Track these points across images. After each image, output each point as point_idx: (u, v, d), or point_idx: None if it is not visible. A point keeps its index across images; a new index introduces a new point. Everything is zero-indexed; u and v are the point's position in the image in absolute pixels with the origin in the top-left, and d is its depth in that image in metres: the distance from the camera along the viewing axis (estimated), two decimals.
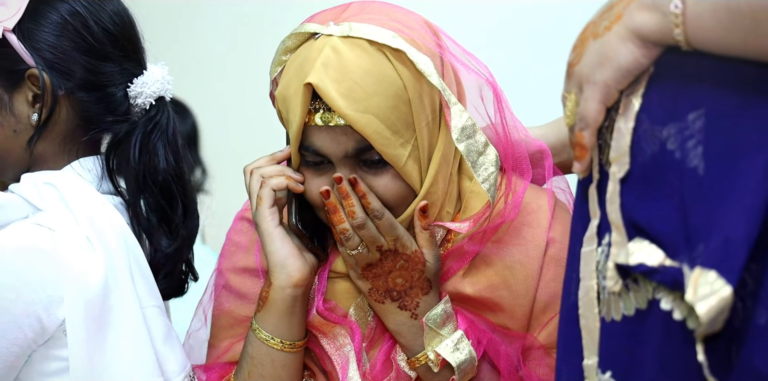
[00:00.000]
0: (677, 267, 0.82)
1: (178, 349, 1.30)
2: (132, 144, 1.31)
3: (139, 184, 1.31)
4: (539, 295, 1.30)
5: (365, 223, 1.23)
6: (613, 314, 0.90)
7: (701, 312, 0.78)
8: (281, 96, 1.23)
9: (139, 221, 1.31)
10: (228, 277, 1.40)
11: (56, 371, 1.21)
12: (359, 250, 1.25)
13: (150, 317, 1.26)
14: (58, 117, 1.28)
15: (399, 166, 1.22)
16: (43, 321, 1.18)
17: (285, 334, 1.28)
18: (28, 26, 1.26)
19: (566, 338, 0.99)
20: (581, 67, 0.89)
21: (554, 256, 1.30)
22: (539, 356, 1.30)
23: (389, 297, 1.26)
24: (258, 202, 1.27)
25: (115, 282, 1.22)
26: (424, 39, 1.23)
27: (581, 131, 0.91)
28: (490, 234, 1.29)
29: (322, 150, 1.23)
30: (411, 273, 1.25)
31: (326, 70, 1.18)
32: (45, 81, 1.25)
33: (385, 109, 1.19)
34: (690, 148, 0.84)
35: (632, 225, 0.88)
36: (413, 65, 1.19)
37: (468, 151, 1.23)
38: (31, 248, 1.18)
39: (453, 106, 1.22)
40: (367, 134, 1.18)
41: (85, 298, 1.18)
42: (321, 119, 1.20)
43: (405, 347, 1.28)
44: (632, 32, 0.84)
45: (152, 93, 1.33)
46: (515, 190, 1.28)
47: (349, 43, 1.19)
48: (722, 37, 0.79)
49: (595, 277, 0.93)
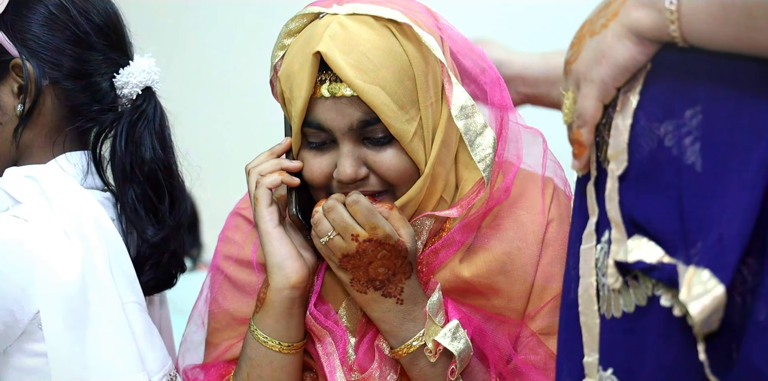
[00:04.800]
0: (675, 264, 0.83)
1: (158, 347, 1.28)
2: (118, 133, 1.31)
3: (126, 173, 1.30)
4: (537, 280, 1.29)
5: (334, 207, 1.20)
6: (613, 311, 0.90)
7: (694, 312, 0.78)
8: (285, 74, 1.23)
9: (126, 212, 1.30)
10: (225, 270, 1.39)
11: (35, 368, 1.19)
12: (330, 236, 1.21)
13: (129, 313, 1.24)
14: (42, 107, 1.28)
15: (406, 142, 1.21)
16: (15, 313, 1.16)
17: (283, 335, 1.27)
18: (12, 18, 1.26)
19: (566, 335, 0.99)
20: (578, 65, 0.89)
21: (551, 239, 1.29)
22: (533, 344, 1.28)
23: (372, 286, 1.23)
24: (255, 202, 1.27)
25: (93, 276, 1.20)
26: (427, 21, 1.23)
27: (579, 129, 0.91)
28: (481, 219, 1.28)
29: (327, 123, 1.21)
30: (394, 261, 1.22)
31: (334, 41, 1.18)
32: (29, 70, 1.25)
33: (392, 83, 1.18)
34: (687, 144, 0.84)
35: (631, 222, 0.88)
36: (418, 41, 1.20)
37: (466, 129, 1.22)
38: (4, 240, 1.17)
39: (455, 85, 1.22)
40: (375, 105, 1.18)
41: (61, 291, 1.17)
42: (328, 90, 1.19)
43: (389, 334, 1.25)
44: (628, 29, 0.85)
45: (138, 83, 1.32)
46: (506, 173, 1.27)
47: (356, 18, 1.20)
48: (716, 33, 0.79)
49: (595, 275, 0.93)
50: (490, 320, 1.29)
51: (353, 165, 1.22)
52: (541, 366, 1.26)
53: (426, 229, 1.28)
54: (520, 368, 1.27)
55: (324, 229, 1.22)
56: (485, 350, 1.28)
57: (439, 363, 1.24)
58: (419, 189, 1.24)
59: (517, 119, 1.30)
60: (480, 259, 1.29)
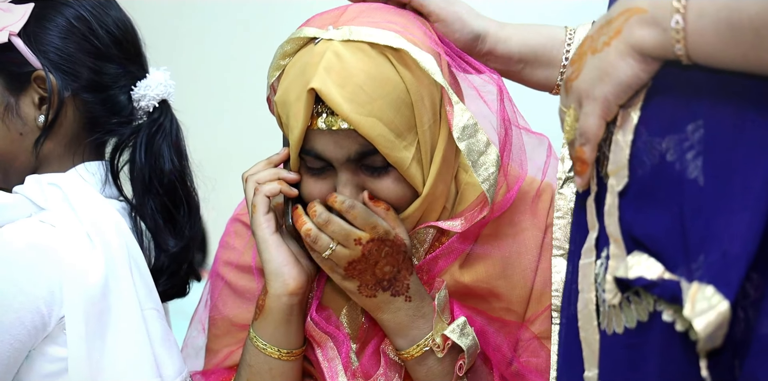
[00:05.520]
0: (676, 280, 0.82)
1: (175, 353, 1.30)
2: (138, 145, 1.33)
3: (145, 185, 1.32)
4: (536, 284, 1.29)
5: (330, 219, 1.20)
6: (614, 327, 0.90)
7: (699, 327, 0.77)
8: (281, 101, 1.22)
9: (146, 223, 1.32)
10: (225, 277, 1.39)
11: (55, 373, 1.21)
12: (332, 248, 1.21)
13: (148, 320, 1.26)
14: (64, 118, 1.30)
15: (403, 169, 1.20)
16: (45, 316, 1.18)
17: (282, 342, 1.27)
18: (33, 30, 1.28)
19: (566, 349, 0.99)
20: (580, 83, 0.88)
21: (550, 243, 1.29)
22: (535, 348, 1.29)
23: (380, 288, 1.23)
24: (253, 209, 1.26)
25: (115, 281, 1.22)
26: (424, 38, 1.22)
27: (582, 146, 0.91)
28: (481, 227, 1.28)
29: (325, 154, 1.21)
30: (396, 257, 1.22)
31: (329, 74, 1.16)
32: (51, 82, 1.27)
33: (389, 113, 1.17)
34: (690, 159, 0.83)
35: (631, 238, 0.87)
36: (416, 65, 1.18)
37: (469, 150, 1.21)
38: (33, 244, 1.18)
39: (455, 105, 1.20)
40: (372, 137, 1.17)
41: (85, 296, 1.18)
42: (324, 123, 1.18)
43: (399, 334, 1.25)
44: (632, 47, 0.84)
45: (155, 95, 1.35)
46: (510, 185, 1.27)
47: (351, 47, 1.18)
48: (723, 52, 0.78)
49: (594, 290, 0.93)
50: (491, 323, 1.29)
51: (352, 193, 1.22)
52: (542, 368, 1.27)
53: (428, 238, 1.29)
54: (522, 371, 1.28)
55: (324, 243, 1.21)
56: (487, 352, 1.28)
57: (446, 359, 1.24)
58: (416, 208, 1.24)
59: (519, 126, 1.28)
60: (480, 265, 1.29)
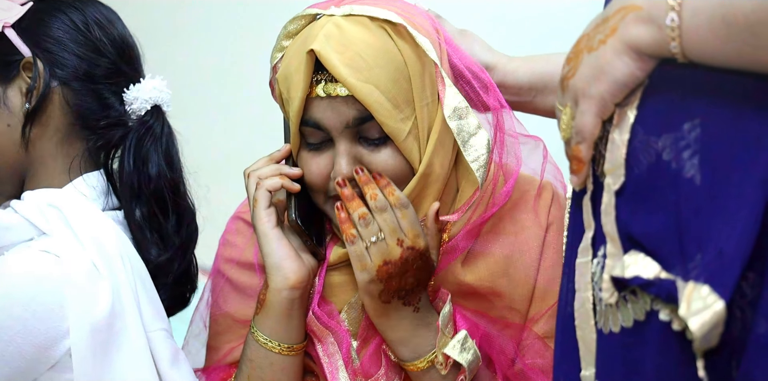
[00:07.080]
0: (672, 280, 0.82)
1: (186, 372, 1.29)
2: (126, 149, 1.31)
3: (134, 191, 1.30)
4: (539, 283, 1.30)
5: (387, 207, 1.19)
6: (611, 326, 0.90)
7: (694, 327, 0.77)
8: (283, 75, 1.24)
9: (131, 230, 1.30)
10: (226, 273, 1.39)
11: None
12: (380, 236, 1.19)
13: (157, 341, 1.24)
14: (51, 107, 1.28)
15: (399, 141, 1.21)
16: (49, 350, 1.16)
17: (283, 337, 1.27)
18: (29, 22, 1.29)
19: (563, 348, 0.99)
20: (576, 81, 0.88)
21: (552, 242, 1.30)
22: (539, 348, 1.29)
23: (397, 296, 1.22)
24: (254, 204, 1.27)
25: (120, 307, 1.20)
26: (424, 24, 1.24)
27: (578, 145, 0.90)
28: (483, 224, 1.29)
29: (323, 122, 1.22)
30: (423, 273, 1.22)
31: (329, 40, 1.19)
32: (39, 68, 1.26)
33: (387, 82, 1.19)
34: (686, 158, 0.83)
35: (628, 237, 0.87)
36: (414, 42, 1.20)
37: (459, 130, 1.23)
38: (38, 278, 1.16)
39: (448, 87, 1.22)
40: (369, 103, 1.18)
41: (92, 325, 1.17)
42: (323, 90, 1.20)
43: (400, 342, 1.25)
44: (628, 45, 0.84)
45: (148, 99, 1.33)
46: (507, 178, 1.28)
47: (351, 19, 1.21)
48: (719, 50, 0.78)
49: (591, 289, 0.93)
50: (494, 324, 1.29)
51: (349, 163, 1.22)
52: (547, 369, 1.27)
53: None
54: (526, 372, 1.28)
55: (374, 229, 1.19)
56: (492, 355, 1.28)
57: (449, 375, 1.24)
58: (413, 187, 1.24)
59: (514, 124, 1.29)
60: (482, 263, 1.29)
